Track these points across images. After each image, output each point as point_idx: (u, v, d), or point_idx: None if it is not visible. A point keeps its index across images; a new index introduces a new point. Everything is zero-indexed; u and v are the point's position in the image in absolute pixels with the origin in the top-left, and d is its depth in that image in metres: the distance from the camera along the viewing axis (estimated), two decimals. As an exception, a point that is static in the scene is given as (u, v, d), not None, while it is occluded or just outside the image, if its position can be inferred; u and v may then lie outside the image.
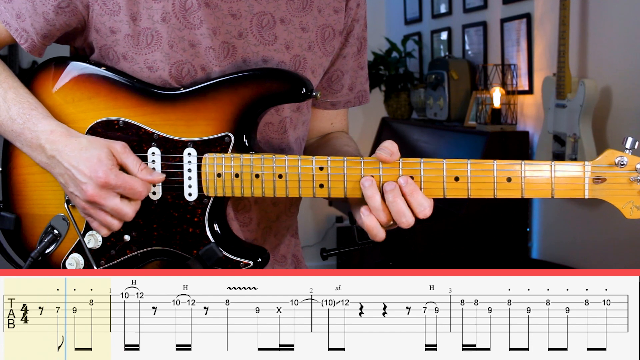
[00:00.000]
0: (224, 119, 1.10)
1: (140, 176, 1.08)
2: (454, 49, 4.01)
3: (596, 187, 1.03)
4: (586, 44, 2.89)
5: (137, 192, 1.08)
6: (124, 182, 1.07)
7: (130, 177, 1.08)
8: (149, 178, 1.09)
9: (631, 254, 2.66)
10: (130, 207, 1.09)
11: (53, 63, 1.18)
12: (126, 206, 1.08)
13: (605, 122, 2.80)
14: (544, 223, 3.28)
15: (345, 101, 1.36)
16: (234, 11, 1.15)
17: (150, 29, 1.13)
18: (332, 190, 1.07)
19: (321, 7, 1.23)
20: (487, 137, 3.17)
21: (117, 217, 1.09)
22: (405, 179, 1.03)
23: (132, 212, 1.09)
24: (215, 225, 1.13)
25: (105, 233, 1.12)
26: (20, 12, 1.14)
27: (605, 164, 1.03)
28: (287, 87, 1.10)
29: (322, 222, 4.84)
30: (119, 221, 1.10)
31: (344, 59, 1.31)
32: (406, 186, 1.03)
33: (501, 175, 1.03)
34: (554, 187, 1.03)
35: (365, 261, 3.73)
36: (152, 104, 1.12)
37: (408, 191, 1.03)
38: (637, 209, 1.03)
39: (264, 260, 1.13)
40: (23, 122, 1.12)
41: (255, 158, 1.08)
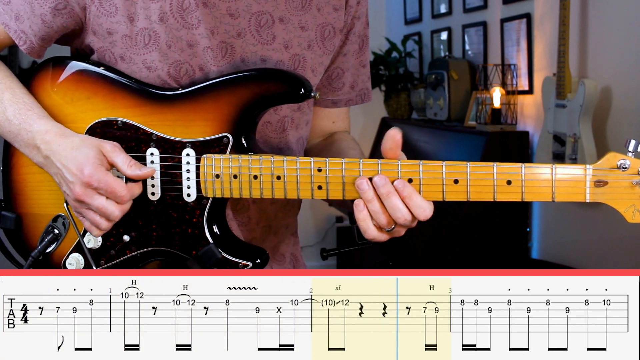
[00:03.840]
0: (223, 120, 1.10)
1: (129, 172, 1.08)
2: (454, 49, 4.01)
3: (597, 191, 1.01)
4: (586, 44, 2.89)
5: (119, 195, 1.07)
6: (106, 185, 1.06)
7: (114, 180, 1.07)
8: (139, 173, 1.08)
9: (631, 254, 2.66)
10: (116, 207, 1.08)
11: (52, 63, 1.18)
12: (112, 206, 1.07)
13: (605, 122, 2.80)
14: (544, 223, 3.27)
15: (346, 99, 1.36)
16: (232, 11, 1.15)
17: (147, 29, 1.13)
18: (330, 192, 1.07)
19: (320, 5, 1.23)
20: (487, 137, 3.17)
21: (104, 217, 1.09)
22: (401, 182, 1.02)
23: (119, 212, 1.08)
24: (214, 226, 1.12)
25: (97, 233, 1.11)
26: (19, 14, 1.14)
27: (607, 167, 1.01)
28: (285, 88, 1.10)
29: (322, 222, 4.84)
30: (107, 221, 1.10)
31: (345, 56, 1.31)
32: (404, 190, 1.02)
33: (501, 178, 1.02)
34: (554, 190, 1.01)
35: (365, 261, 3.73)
36: (151, 104, 1.12)
37: (406, 194, 1.02)
38: (639, 212, 1.01)
39: (263, 261, 1.12)
40: (19, 122, 1.12)
41: (253, 159, 1.08)
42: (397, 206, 1.02)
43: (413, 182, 1.03)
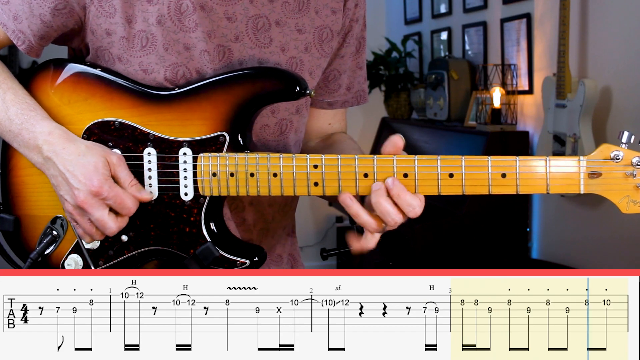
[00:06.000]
0: (219, 119, 1.10)
1: (129, 191, 1.09)
2: (454, 49, 4.01)
3: (592, 182, 1.02)
4: (586, 44, 2.89)
5: (127, 207, 1.08)
6: (116, 195, 1.07)
7: (123, 192, 1.08)
8: (137, 195, 1.09)
9: (631, 253, 2.66)
10: (115, 222, 1.09)
11: (51, 64, 1.18)
12: (111, 220, 1.08)
13: (605, 122, 2.80)
14: (544, 223, 3.27)
15: (342, 101, 1.36)
16: (229, 14, 1.15)
17: (145, 32, 1.13)
18: (326, 189, 1.07)
19: (318, 8, 1.23)
20: (487, 137, 3.17)
21: (100, 229, 1.09)
22: (392, 180, 1.03)
23: (116, 228, 1.09)
24: (211, 225, 1.12)
25: (88, 240, 1.12)
26: (17, 14, 1.14)
27: (600, 158, 1.02)
28: (281, 86, 1.10)
29: (322, 222, 4.84)
30: (101, 234, 1.11)
31: (342, 58, 1.31)
32: (393, 188, 1.03)
33: (496, 171, 1.03)
34: (549, 182, 1.02)
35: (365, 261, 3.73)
36: (148, 104, 1.12)
37: (395, 193, 1.03)
38: (633, 203, 1.02)
39: (261, 259, 1.13)
40: (21, 122, 1.12)
41: (250, 157, 1.08)
42: (387, 210, 1.03)
43: (408, 177, 1.04)
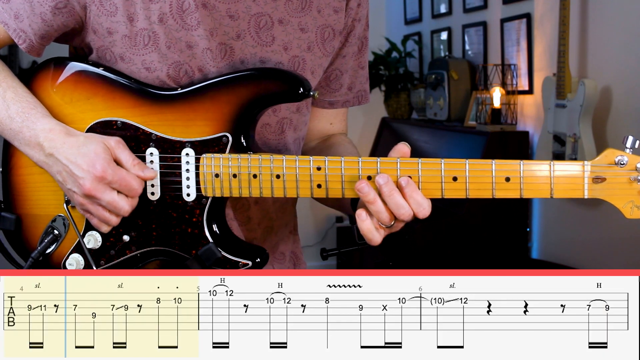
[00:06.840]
0: (222, 119, 1.10)
1: (132, 172, 1.08)
2: (454, 49, 4.01)
3: (596, 187, 1.02)
4: (586, 44, 2.89)
5: (133, 188, 1.08)
6: (120, 178, 1.07)
7: (127, 173, 1.08)
8: (141, 174, 1.09)
9: (631, 253, 2.66)
10: (127, 202, 1.09)
11: (52, 63, 1.18)
12: (122, 200, 1.08)
13: (605, 122, 2.80)
14: (544, 223, 3.27)
15: (343, 101, 1.36)
16: (231, 12, 1.15)
17: (147, 30, 1.13)
18: (330, 191, 1.07)
19: (321, 7, 1.23)
20: (487, 137, 3.17)
21: (114, 212, 1.09)
22: (406, 179, 1.03)
23: (129, 206, 1.09)
24: (214, 226, 1.12)
25: (106, 229, 1.12)
26: (19, 13, 1.14)
27: (605, 163, 1.02)
28: (284, 87, 1.10)
29: (322, 222, 4.84)
30: (117, 216, 1.10)
31: (344, 58, 1.31)
32: (407, 186, 1.03)
33: (500, 175, 1.03)
34: (553, 187, 1.02)
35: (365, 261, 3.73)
36: (150, 104, 1.12)
37: (408, 192, 1.03)
38: (637, 208, 1.02)
39: (263, 260, 1.13)
40: (22, 120, 1.12)
41: (252, 158, 1.08)
42: (400, 203, 1.02)
43: (412, 180, 1.04)
